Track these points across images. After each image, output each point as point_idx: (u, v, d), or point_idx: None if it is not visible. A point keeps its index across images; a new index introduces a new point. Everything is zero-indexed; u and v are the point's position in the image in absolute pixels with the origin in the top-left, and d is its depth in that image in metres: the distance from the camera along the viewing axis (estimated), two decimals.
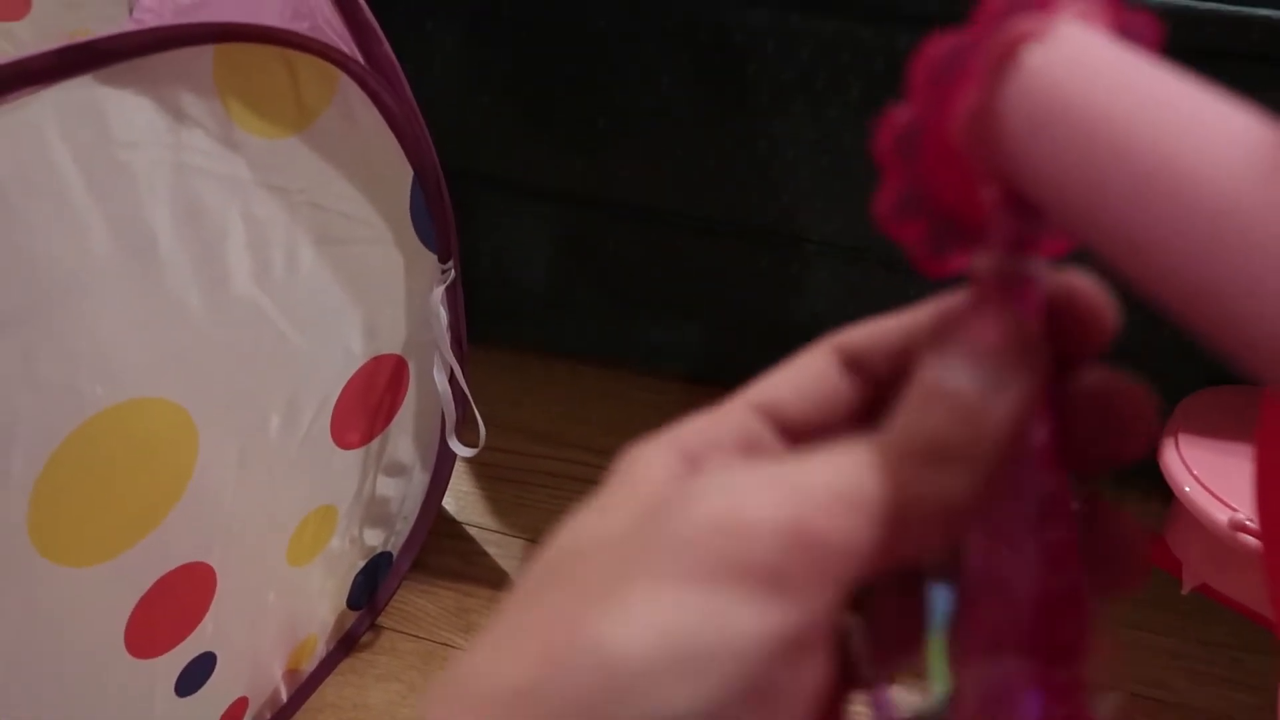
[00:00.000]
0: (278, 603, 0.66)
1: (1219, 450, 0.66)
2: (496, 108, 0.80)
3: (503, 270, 0.93)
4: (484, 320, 0.93)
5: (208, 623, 0.58)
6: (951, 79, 0.17)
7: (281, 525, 0.63)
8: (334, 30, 0.49)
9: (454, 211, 0.63)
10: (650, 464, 0.17)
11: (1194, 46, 0.59)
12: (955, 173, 0.17)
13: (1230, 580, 0.68)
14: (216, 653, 0.61)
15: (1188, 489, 0.64)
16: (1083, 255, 0.17)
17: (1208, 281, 0.13)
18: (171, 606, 0.55)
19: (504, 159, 0.84)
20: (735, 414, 0.18)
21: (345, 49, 0.50)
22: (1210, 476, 0.64)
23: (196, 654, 0.59)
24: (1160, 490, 0.66)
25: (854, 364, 0.19)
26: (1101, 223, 0.15)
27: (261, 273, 0.52)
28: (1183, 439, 0.67)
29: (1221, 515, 0.62)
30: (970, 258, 0.18)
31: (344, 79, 0.51)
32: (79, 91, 0.39)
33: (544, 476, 0.89)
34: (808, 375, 0.19)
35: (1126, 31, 0.17)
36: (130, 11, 0.41)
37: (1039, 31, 0.16)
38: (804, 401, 0.18)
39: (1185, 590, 0.71)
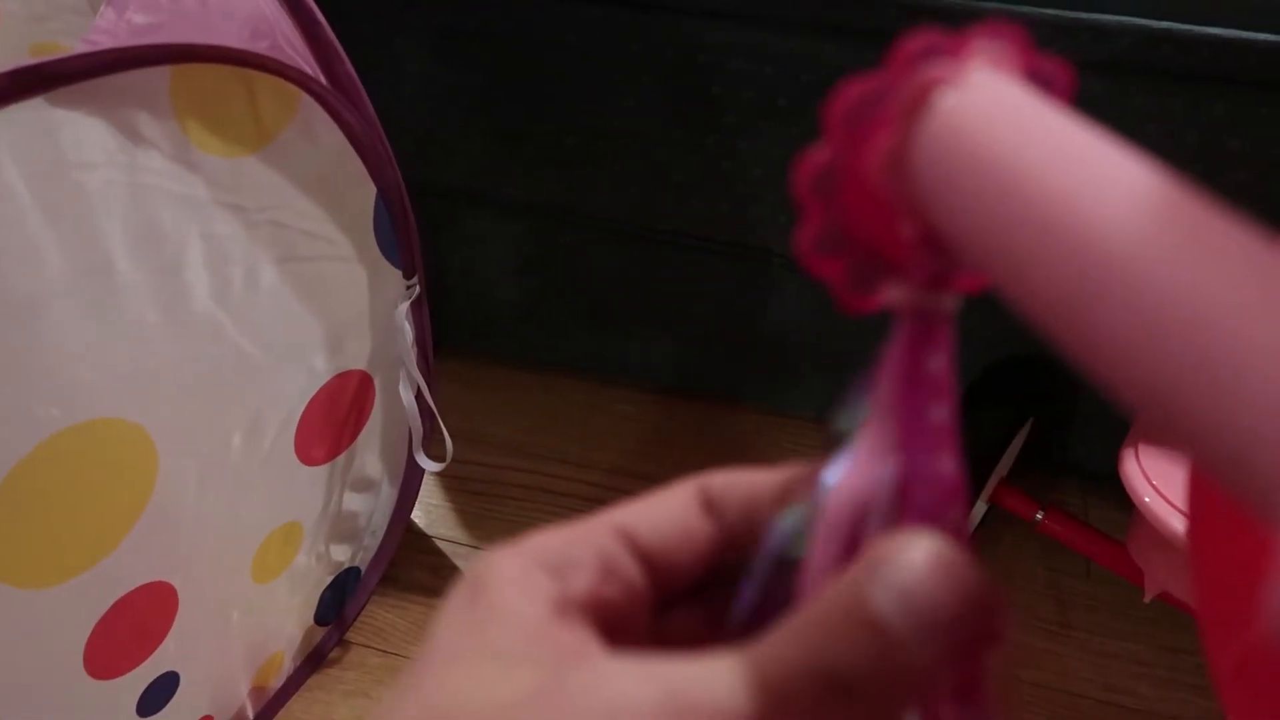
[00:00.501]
0: (242, 620, 0.65)
1: (1178, 461, 0.67)
2: (465, 124, 0.80)
3: (474, 284, 0.93)
4: (456, 333, 0.93)
5: (170, 642, 0.58)
6: (867, 121, 0.17)
7: (245, 543, 0.63)
8: (294, 49, 0.49)
9: (423, 226, 0.63)
10: (518, 588, 0.17)
11: (1149, 66, 0.60)
12: (874, 210, 0.18)
13: (1190, 588, 0.69)
14: (179, 672, 0.60)
15: (1147, 499, 0.65)
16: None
17: (1095, 327, 0.13)
18: (132, 627, 0.54)
19: (474, 174, 0.84)
20: (597, 533, 0.18)
21: (306, 68, 0.50)
22: (1169, 487, 0.65)
23: (159, 673, 0.59)
24: (1123, 498, 0.67)
25: (711, 507, 0.19)
26: (1002, 264, 0.15)
27: (221, 291, 0.52)
28: (1143, 450, 0.68)
29: (1180, 525, 0.63)
30: (889, 292, 0.18)
31: (304, 97, 0.51)
32: (31, 113, 0.39)
33: (515, 489, 0.89)
34: (667, 510, 0.19)
35: (1038, 76, 0.17)
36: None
37: (951, 77, 0.17)
38: (659, 537, 0.19)
39: (1147, 598, 0.72)
